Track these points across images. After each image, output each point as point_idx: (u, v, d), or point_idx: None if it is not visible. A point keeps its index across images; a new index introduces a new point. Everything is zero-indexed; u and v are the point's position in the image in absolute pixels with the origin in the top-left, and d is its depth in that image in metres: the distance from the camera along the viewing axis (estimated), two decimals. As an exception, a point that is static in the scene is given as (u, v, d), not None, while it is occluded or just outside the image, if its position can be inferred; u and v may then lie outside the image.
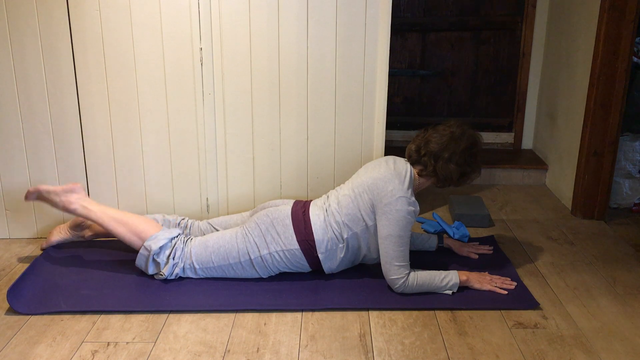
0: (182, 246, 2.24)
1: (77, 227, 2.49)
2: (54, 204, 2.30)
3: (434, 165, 2.20)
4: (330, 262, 2.24)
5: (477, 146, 2.23)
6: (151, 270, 2.23)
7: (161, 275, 2.23)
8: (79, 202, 2.28)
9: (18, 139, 2.56)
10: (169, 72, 2.52)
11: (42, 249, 2.50)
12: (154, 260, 2.21)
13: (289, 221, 2.23)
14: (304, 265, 2.26)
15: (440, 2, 3.73)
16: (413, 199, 2.18)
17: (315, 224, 2.21)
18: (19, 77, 2.49)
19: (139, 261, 2.24)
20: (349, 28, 2.52)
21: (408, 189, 2.17)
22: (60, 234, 2.50)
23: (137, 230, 2.23)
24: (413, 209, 2.15)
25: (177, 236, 2.26)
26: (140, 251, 2.22)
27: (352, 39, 2.53)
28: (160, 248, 2.20)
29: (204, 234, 2.44)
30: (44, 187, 2.31)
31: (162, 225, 2.42)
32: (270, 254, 2.21)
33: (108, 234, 2.49)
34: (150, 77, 2.52)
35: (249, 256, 2.21)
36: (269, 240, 2.21)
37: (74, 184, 2.33)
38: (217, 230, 2.46)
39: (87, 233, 2.51)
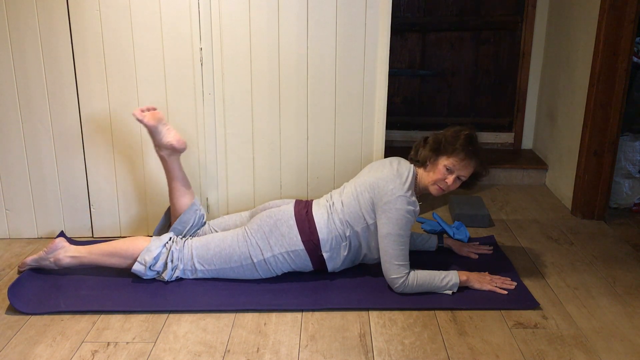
0: (178, 248, 2.24)
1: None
2: (46, 267, 2.30)
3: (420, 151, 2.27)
4: (334, 261, 2.25)
5: (468, 138, 2.19)
6: (149, 277, 2.24)
7: (163, 278, 2.23)
8: (67, 255, 2.27)
9: (18, 139, 2.56)
10: (169, 72, 2.52)
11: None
12: (150, 270, 2.21)
13: (293, 222, 2.22)
14: (307, 265, 2.26)
15: (440, 2, 3.73)
16: (413, 198, 2.18)
17: (319, 223, 2.21)
18: (19, 77, 2.49)
19: (136, 272, 2.22)
20: (349, 28, 2.52)
21: (408, 189, 2.18)
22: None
23: (129, 253, 2.23)
24: (412, 208, 2.16)
25: (169, 240, 2.26)
26: (135, 266, 2.21)
27: (352, 39, 2.53)
28: (155, 258, 2.20)
29: (205, 234, 2.43)
30: (29, 258, 2.31)
31: (194, 203, 2.40)
32: (274, 256, 2.21)
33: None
34: (150, 77, 2.52)
35: (252, 260, 2.21)
36: (272, 242, 2.21)
37: (53, 241, 2.31)
38: (216, 231, 2.45)
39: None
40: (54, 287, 2.21)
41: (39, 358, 1.83)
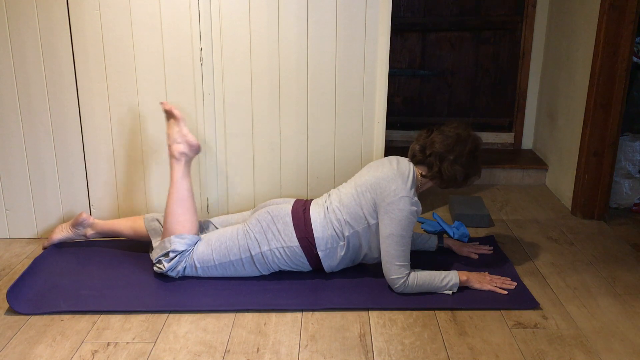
0: (190, 248, 2.26)
1: (79, 225, 2.49)
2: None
3: (439, 166, 2.19)
4: (330, 260, 2.25)
5: (480, 148, 2.25)
6: (157, 258, 2.24)
7: (161, 268, 2.23)
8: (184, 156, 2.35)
9: (18, 139, 2.56)
10: (169, 72, 2.52)
11: (44, 248, 2.51)
12: (167, 254, 2.22)
13: (289, 219, 2.23)
14: (304, 264, 2.26)
15: (440, 2, 3.73)
16: (416, 199, 2.18)
17: (315, 222, 2.22)
18: (19, 77, 2.49)
19: (158, 246, 2.26)
20: (349, 28, 2.52)
21: (411, 188, 2.18)
22: (62, 233, 2.50)
23: (179, 220, 2.26)
24: (415, 209, 2.16)
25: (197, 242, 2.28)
26: (165, 240, 2.24)
27: (352, 39, 2.53)
28: (181, 251, 2.22)
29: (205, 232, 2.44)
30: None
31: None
32: (270, 250, 2.21)
33: (111, 233, 2.49)
34: (150, 77, 2.52)
35: (250, 252, 2.22)
36: (269, 236, 2.21)
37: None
38: (218, 229, 2.46)
39: (89, 232, 2.50)
40: (54, 287, 2.21)
41: (39, 358, 1.83)
